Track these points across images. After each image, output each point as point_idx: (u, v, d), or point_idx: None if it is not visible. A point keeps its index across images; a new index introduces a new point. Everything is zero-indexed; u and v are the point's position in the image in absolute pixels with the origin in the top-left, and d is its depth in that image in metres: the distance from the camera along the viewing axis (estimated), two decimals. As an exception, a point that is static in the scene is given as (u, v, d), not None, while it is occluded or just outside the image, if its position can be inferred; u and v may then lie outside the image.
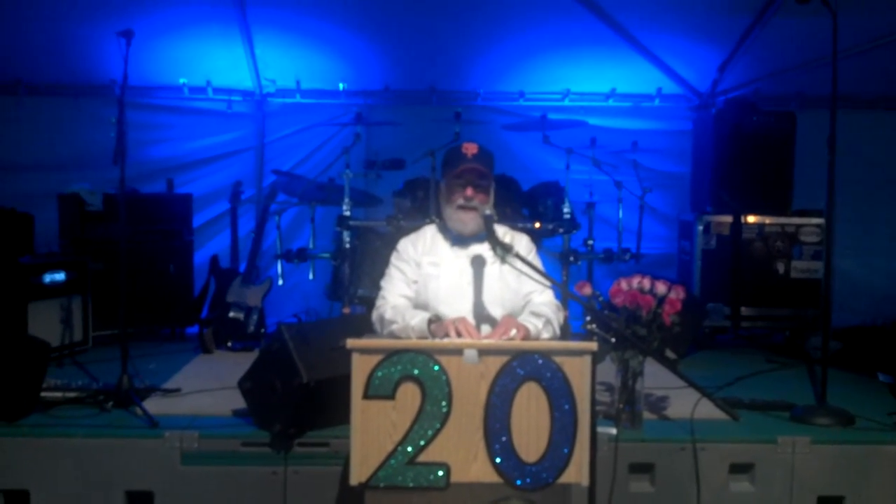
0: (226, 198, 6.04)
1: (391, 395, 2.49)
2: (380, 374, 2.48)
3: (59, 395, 3.96)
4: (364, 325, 3.52)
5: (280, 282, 5.65)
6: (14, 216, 5.58)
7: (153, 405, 3.87)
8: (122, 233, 4.16)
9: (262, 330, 5.47)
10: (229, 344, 5.39)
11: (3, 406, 3.64)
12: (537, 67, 6.47)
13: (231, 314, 5.43)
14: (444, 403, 2.49)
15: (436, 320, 3.10)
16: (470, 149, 3.34)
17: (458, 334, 2.94)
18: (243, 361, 3.97)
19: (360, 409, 2.49)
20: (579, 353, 2.55)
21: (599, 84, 6.66)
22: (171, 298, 5.84)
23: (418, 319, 3.15)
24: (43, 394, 3.87)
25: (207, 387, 4.30)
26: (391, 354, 2.49)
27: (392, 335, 3.22)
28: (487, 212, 3.21)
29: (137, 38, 4.07)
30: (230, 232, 5.87)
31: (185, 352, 5.40)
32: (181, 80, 6.42)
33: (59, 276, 5.14)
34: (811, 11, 3.94)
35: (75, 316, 5.25)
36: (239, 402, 3.74)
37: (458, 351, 2.54)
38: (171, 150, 6.50)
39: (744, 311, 5.91)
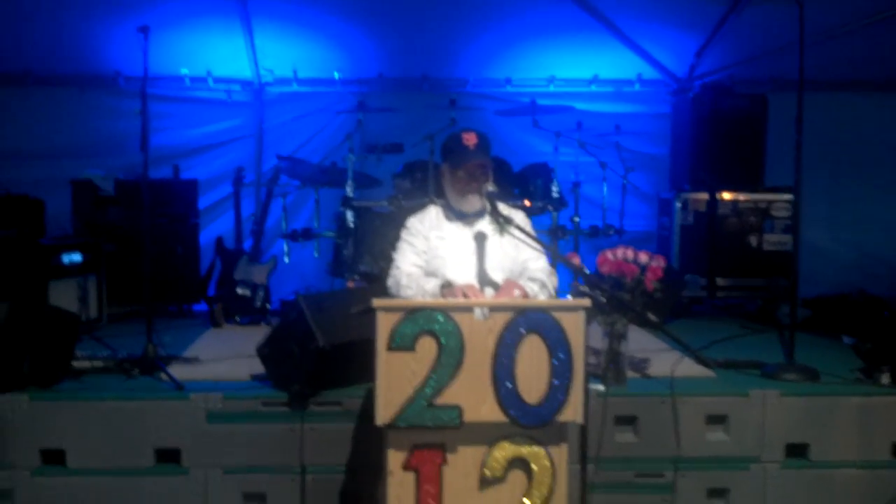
0: (227, 182, 6.24)
1: (412, 348, 2.78)
2: (401, 329, 2.77)
3: (87, 364, 4.19)
4: (369, 297, 3.77)
5: (286, 260, 5.91)
6: (27, 202, 5.81)
7: (175, 372, 4.03)
8: (146, 216, 4.36)
9: (268, 305, 5.69)
10: (237, 318, 5.62)
11: (38, 373, 3.85)
12: (523, 55, 6.68)
13: (239, 291, 5.64)
14: (457, 354, 2.79)
15: (447, 286, 3.38)
16: (470, 140, 3.54)
17: (466, 297, 3.26)
18: (252, 334, 4.25)
19: (385, 359, 2.78)
20: (574, 308, 2.87)
21: (582, 70, 6.86)
22: (179, 277, 6.04)
23: (432, 285, 3.44)
24: (72, 362, 4.09)
25: (223, 356, 4.54)
26: (412, 312, 2.79)
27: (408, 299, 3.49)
28: (490, 188, 3.50)
29: (141, 30, 4.21)
30: (234, 214, 6.05)
31: (195, 326, 5.63)
32: (182, 71, 6.57)
33: (76, 257, 5.36)
34: (782, -1, 4.23)
35: (91, 294, 5.45)
36: (255, 369, 4.00)
37: (469, 309, 2.87)
38: (173, 138, 6.66)
39: (719, 281, 6.20)
